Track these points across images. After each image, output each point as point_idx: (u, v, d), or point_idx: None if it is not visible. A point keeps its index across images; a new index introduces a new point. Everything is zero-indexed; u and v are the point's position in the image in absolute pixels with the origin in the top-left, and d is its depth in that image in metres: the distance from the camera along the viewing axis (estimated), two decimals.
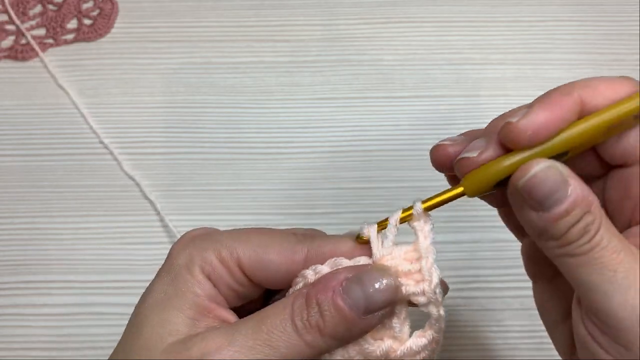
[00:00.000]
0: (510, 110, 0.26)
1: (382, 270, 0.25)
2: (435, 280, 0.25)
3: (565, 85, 0.25)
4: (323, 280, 0.25)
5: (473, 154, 0.25)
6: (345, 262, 0.26)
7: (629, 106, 0.24)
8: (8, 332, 0.42)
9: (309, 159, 0.47)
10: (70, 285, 0.43)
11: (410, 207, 0.26)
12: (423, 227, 0.26)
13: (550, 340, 0.39)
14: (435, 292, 0.25)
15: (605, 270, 0.23)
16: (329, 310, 0.24)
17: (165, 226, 0.45)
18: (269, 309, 0.25)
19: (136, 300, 0.42)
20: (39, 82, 0.50)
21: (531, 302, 0.42)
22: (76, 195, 0.46)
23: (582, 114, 0.24)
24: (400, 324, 0.26)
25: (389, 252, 0.26)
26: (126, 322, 0.27)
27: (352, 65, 0.50)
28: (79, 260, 0.44)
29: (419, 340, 0.26)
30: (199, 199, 0.46)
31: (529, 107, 0.24)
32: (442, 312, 0.26)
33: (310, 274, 0.26)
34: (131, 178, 0.46)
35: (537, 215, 0.23)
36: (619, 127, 0.24)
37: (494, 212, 0.43)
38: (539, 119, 0.24)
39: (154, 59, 0.51)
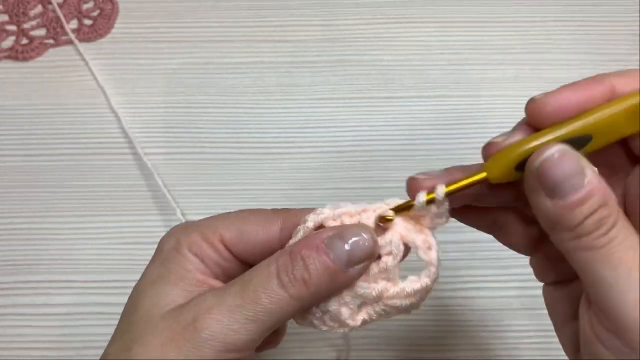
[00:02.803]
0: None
1: (361, 226, 0.26)
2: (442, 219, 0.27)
3: (599, 74, 0.25)
4: (307, 239, 0.26)
5: (499, 139, 0.25)
6: (349, 207, 0.27)
7: None
8: (8, 332, 0.42)
9: (309, 159, 0.47)
10: (71, 285, 0.43)
11: (431, 192, 0.27)
12: (434, 214, 0.27)
13: (549, 340, 0.39)
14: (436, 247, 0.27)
15: (620, 267, 0.22)
16: (314, 264, 0.25)
17: (167, 226, 0.45)
18: (255, 268, 0.26)
19: None
20: (39, 82, 0.50)
21: (531, 302, 0.42)
22: (76, 195, 0.46)
23: (611, 99, 0.24)
24: (394, 265, 0.27)
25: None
26: None
27: (352, 66, 0.50)
28: (79, 260, 0.44)
29: (413, 284, 0.27)
30: (199, 198, 0.46)
31: (556, 88, 0.25)
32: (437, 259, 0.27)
33: (311, 217, 0.27)
34: (153, 174, 0.46)
35: (552, 203, 0.23)
36: None
37: None
38: (562, 96, 0.24)
39: (154, 59, 0.51)
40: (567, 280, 0.28)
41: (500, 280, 0.43)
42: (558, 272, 0.28)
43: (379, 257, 0.27)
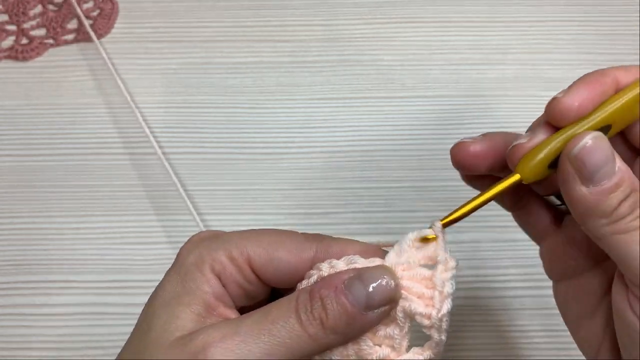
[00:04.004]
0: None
1: (383, 269, 0.26)
2: (444, 311, 0.25)
3: (599, 69, 0.26)
4: (327, 278, 0.26)
5: (523, 141, 0.26)
6: (361, 261, 0.26)
7: None
8: (8, 332, 0.42)
9: (309, 159, 0.47)
10: (71, 285, 0.43)
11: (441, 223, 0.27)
12: (446, 260, 0.26)
13: (550, 340, 0.39)
14: (441, 320, 0.26)
15: None
16: (332, 304, 0.25)
17: (167, 226, 0.45)
18: (274, 303, 0.26)
19: (136, 300, 0.42)
20: (39, 82, 0.50)
21: (531, 302, 0.42)
22: (76, 195, 0.46)
23: (618, 91, 0.26)
24: (400, 336, 0.26)
25: (407, 265, 0.26)
26: (126, 321, 0.27)
27: (352, 65, 0.50)
28: (79, 260, 0.44)
29: (416, 356, 0.26)
30: (199, 199, 0.46)
31: (569, 87, 0.25)
32: (443, 337, 0.26)
33: (325, 267, 0.26)
34: (173, 174, 0.46)
35: (587, 190, 0.24)
36: None
37: (494, 212, 0.43)
38: (582, 92, 0.25)
39: (154, 59, 0.51)
40: (576, 274, 0.28)
41: (500, 280, 0.43)
42: (568, 263, 0.28)
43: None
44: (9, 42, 0.52)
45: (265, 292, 0.28)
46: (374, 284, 0.25)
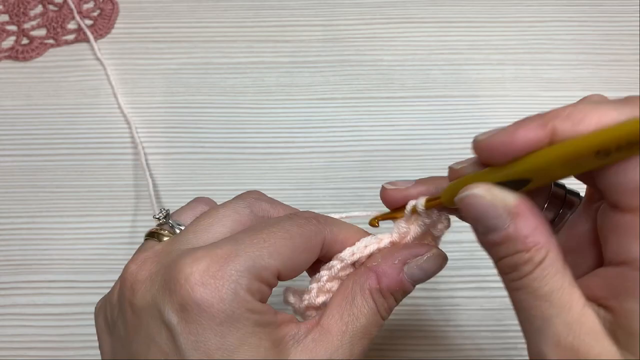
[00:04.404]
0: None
1: (428, 246, 0.29)
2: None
3: (546, 112, 0.23)
4: (388, 269, 0.28)
5: (457, 166, 0.27)
6: (374, 242, 0.30)
7: (587, 142, 0.22)
8: (8, 332, 0.42)
9: (309, 159, 0.47)
10: (71, 285, 0.43)
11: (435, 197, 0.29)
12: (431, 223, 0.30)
13: None
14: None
15: (527, 314, 0.24)
16: (400, 294, 0.28)
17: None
18: (354, 306, 0.28)
19: None
20: (39, 82, 0.50)
21: None
22: (76, 195, 0.46)
23: (552, 143, 0.23)
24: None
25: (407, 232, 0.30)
26: None
27: (352, 66, 0.51)
28: (79, 260, 0.44)
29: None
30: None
31: (506, 126, 0.24)
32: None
33: (347, 255, 0.29)
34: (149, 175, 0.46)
35: (476, 234, 0.25)
36: (579, 165, 0.22)
37: None
38: (497, 140, 0.24)
39: (154, 59, 0.51)
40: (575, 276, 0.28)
41: (500, 280, 0.43)
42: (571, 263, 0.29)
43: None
44: (9, 42, 0.52)
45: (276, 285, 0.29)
46: (430, 266, 0.28)
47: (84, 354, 0.41)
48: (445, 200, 0.27)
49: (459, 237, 0.44)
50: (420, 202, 0.29)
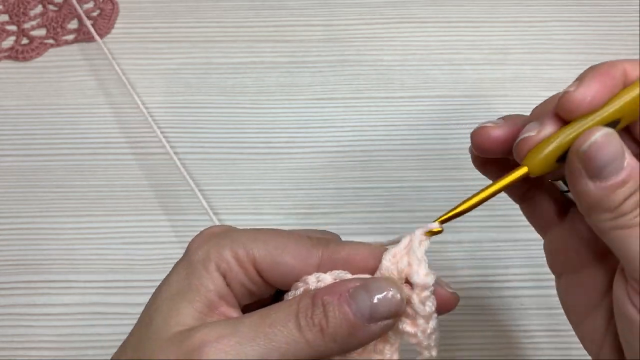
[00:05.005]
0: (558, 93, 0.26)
1: (389, 281, 0.25)
2: (430, 330, 0.26)
3: (609, 61, 0.26)
4: (332, 285, 0.25)
5: (532, 133, 0.26)
6: (349, 276, 0.26)
7: None
8: (8, 332, 0.42)
9: (309, 159, 0.47)
10: (71, 285, 0.43)
11: (433, 232, 0.27)
12: (422, 278, 0.26)
13: (550, 340, 0.39)
14: (429, 339, 0.26)
15: None
16: (334, 312, 0.24)
17: (168, 226, 0.45)
18: (274, 306, 0.25)
19: (137, 299, 0.42)
20: (39, 82, 0.50)
21: (531, 302, 0.42)
22: (76, 195, 0.46)
23: (626, 85, 0.25)
24: (391, 352, 0.26)
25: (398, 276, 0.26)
26: (127, 321, 0.27)
27: (352, 66, 0.51)
28: (80, 260, 0.44)
29: None
30: (199, 199, 0.46)
31: (579, 79, 0.25)
32: (434, 353, 0.26)
33: (312, 281, 0.26)
34: (185, 173, 0.46)
35: (594, 185, 0.24)
36: None
37: (494, 212, 0.43)
38: (593, 86, 0.25)
39: (154, 59, 0.51)
40: (579, 268, 0.28)
41: (500, 280, 0.43)
42: (571, 256, 0.29)
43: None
44: (9, 42, 0.52)
45: (269, 291, 0.28)
46: (380, 296, 0.24)
47: (84, 354, 0.41)
48: (536, 167, 0.25)
49: (459, 237, 0.44)
50: (433, 226, 0.26)
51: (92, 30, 0.51)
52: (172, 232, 0.45)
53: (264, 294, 0.28)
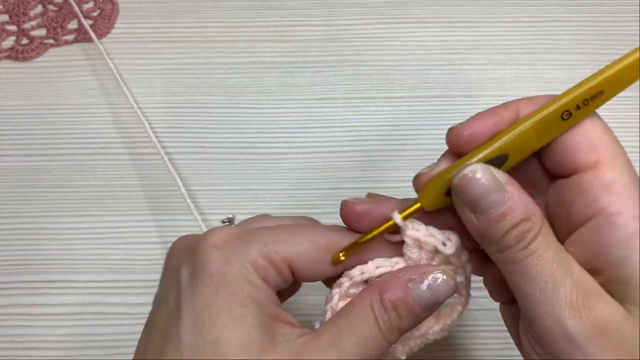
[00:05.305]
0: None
1: (441, 269, 0.27)
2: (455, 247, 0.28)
3: (506, 102, 0.27)
4: (391, 283, 0.27)
5: (425, 170, 0.27)
6: (387, 264, 0.28)
7: (554, 106, 0.25)
8: (8, 332, 0.42)
9: (309, 159, 0.47)
10: (71, 285, 0.43)
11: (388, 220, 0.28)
12: (418, 231, 0.28)
13: None
14: (460, 257, 0.28)
15: (537, 280, 0.24)
16: (404, 311, 0.26)
17: (167, 226, 0.45)
18: (350, 316, 0.26)
19: (136, 299, 0.42)
20: (39, 82, 0.50)
21: None
22: (76, 195, 0.46)
23: (519, 119, 0.26)
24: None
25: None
26: (127, 321, 0.27)
27: (352, 66, 0.51)
28: (80, 260, 0.44)
29: (451, 318, 0.29)
30: (199, 199, 0.46)
31: (469, 118, 0.27)
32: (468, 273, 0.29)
33: (356, 274, 0.28)
34: (174, 175, 0.46)
35: (476, 218, 0.24)
36: (549, 131, 0.26)
37: None
38: (474, 122, 0.26)
39: (154, 59, 0.51)
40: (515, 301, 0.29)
41: None
42: (506, 291, 0.29)
43: None
44: (9, 42, 0.52)
45: (290, 283, 0.28)
46: (437, 286, 0.26)
47: (84, 354, 0.41)
48: (427, 202, 0.27)
49: None
50: (397, 217, 0.28)
51: (89, 30, 0.51)
52: (172, 232, 0.45)
53: (285, 286, 0.28)
